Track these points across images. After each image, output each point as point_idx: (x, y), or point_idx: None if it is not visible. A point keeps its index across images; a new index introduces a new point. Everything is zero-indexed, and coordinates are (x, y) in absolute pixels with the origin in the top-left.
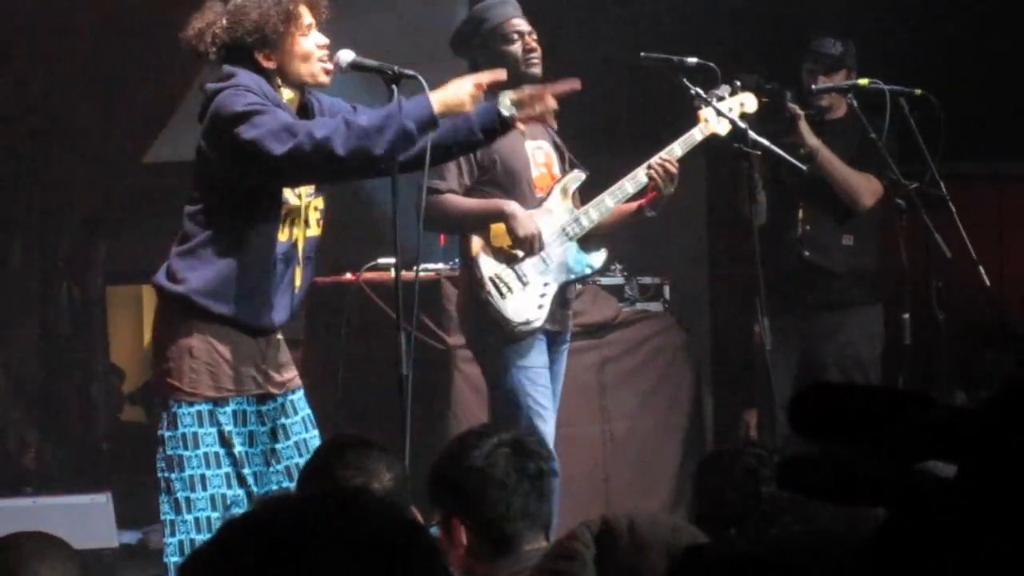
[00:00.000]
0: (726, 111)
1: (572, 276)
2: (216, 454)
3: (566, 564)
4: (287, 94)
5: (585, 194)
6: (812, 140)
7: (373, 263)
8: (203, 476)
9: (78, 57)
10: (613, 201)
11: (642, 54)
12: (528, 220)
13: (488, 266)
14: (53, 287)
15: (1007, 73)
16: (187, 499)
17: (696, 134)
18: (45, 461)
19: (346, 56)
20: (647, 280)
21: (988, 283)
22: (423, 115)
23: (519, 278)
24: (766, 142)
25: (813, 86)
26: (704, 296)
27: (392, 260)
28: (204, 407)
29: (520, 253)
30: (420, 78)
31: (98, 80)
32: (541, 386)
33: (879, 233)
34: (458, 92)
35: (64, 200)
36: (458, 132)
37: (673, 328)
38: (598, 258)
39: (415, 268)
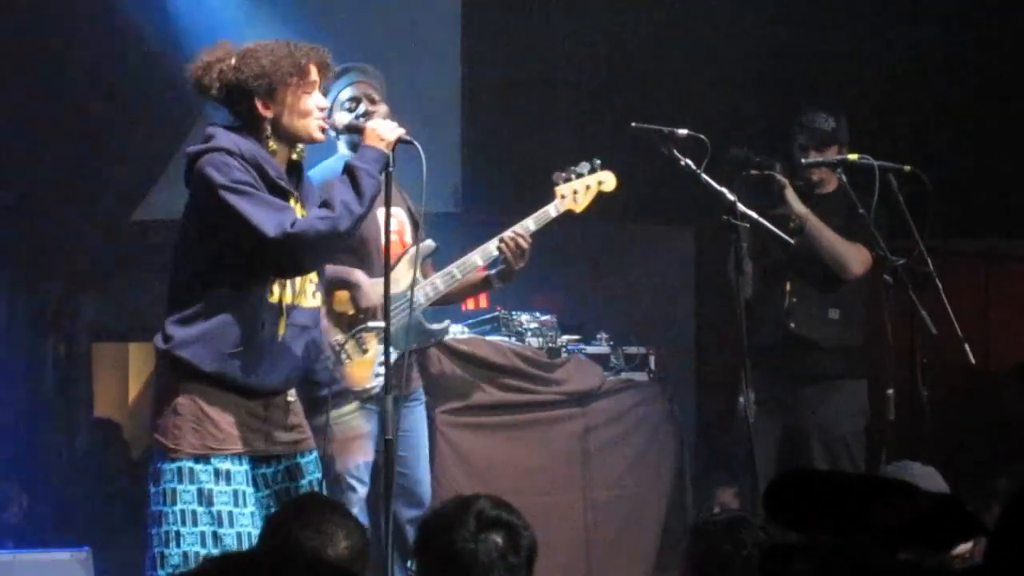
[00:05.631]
0: (583, 188)
1: (413, 345)
2: (193, 512)
3: None
4: (273, 146)
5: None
6: (799, 207)
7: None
8: (178, 533)
9: (67, 113)
10: (461, 273)
11: (632, 124)
12: (371, 291)
13: (328, 332)
14: (39, 343)
15: (996, 151)
16: (161, 555)
17: (551, 210)
18: (27, 516)
19: (341, 118)
20: (633, 350)
21: (973, 360)
22: (379, 158)
23: (359, 346)
24: (755, 214)
25: (804, 160)
26: (690, 366)
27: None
28: (185, 464)
29: (368, 323)
30: (416, 143)
31: (87, 137)
32: (358, 455)
33: (865, 308)
34: (384, 132)
35: (51, 257)
36: None
37: (658, 398)
38: (440, 328)
39: None
